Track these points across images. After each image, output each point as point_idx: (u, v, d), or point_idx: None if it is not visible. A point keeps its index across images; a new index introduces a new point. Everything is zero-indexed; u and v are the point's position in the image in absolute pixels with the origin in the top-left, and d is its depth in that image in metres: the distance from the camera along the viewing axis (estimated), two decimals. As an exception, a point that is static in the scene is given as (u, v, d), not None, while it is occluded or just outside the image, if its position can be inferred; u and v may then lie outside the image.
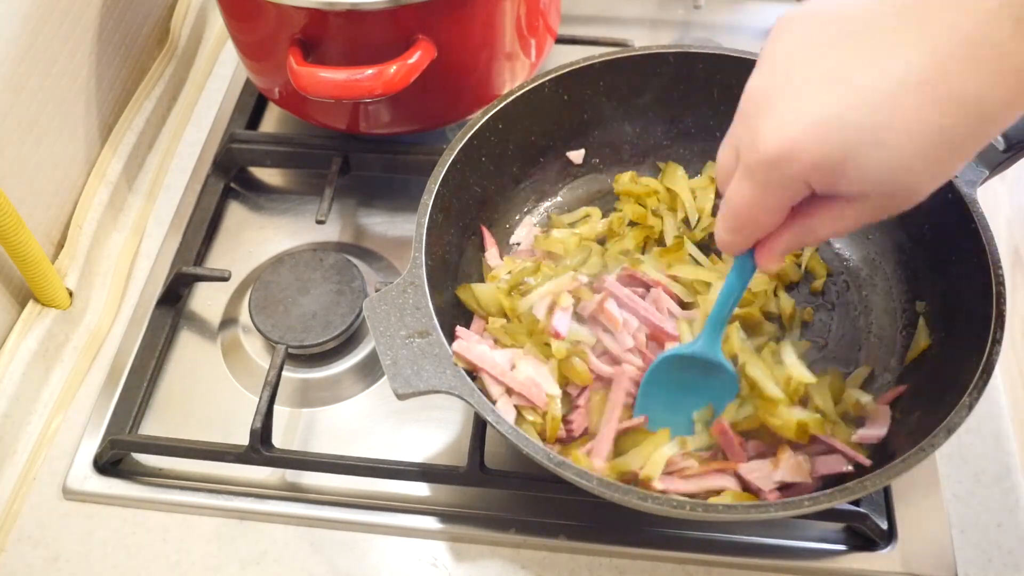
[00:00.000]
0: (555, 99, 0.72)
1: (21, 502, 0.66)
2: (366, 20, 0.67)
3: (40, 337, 0.70)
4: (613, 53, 0.72)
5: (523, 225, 0.75)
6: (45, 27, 0.71)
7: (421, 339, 0.56)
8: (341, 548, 0.63)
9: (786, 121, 0.41)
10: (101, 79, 0.80)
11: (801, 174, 0.41)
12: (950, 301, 0.63)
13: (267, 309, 0.71)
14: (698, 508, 0.51)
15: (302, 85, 0.67)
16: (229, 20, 0.77)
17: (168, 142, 0.88)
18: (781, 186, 0.43)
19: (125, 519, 0.65)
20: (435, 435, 0.68)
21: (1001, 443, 0.67)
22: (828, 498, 0.51)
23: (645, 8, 0.98)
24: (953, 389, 0.56)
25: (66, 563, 0.63)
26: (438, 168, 0.65)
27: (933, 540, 0.61)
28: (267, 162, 0.83)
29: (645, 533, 0.62)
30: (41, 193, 0.73)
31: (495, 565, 0.62)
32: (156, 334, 0.72)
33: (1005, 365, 0.70)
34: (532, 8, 0.76)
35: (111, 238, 0.80)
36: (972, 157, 0.40)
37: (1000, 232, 0.64)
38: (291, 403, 0.70)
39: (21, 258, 0.66)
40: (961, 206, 0.62)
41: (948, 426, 0.53)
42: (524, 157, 0.74)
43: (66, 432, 0.69)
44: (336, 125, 0.79)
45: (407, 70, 0.67)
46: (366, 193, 0.82)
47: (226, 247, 0.80)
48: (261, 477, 0.66)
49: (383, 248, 0.79)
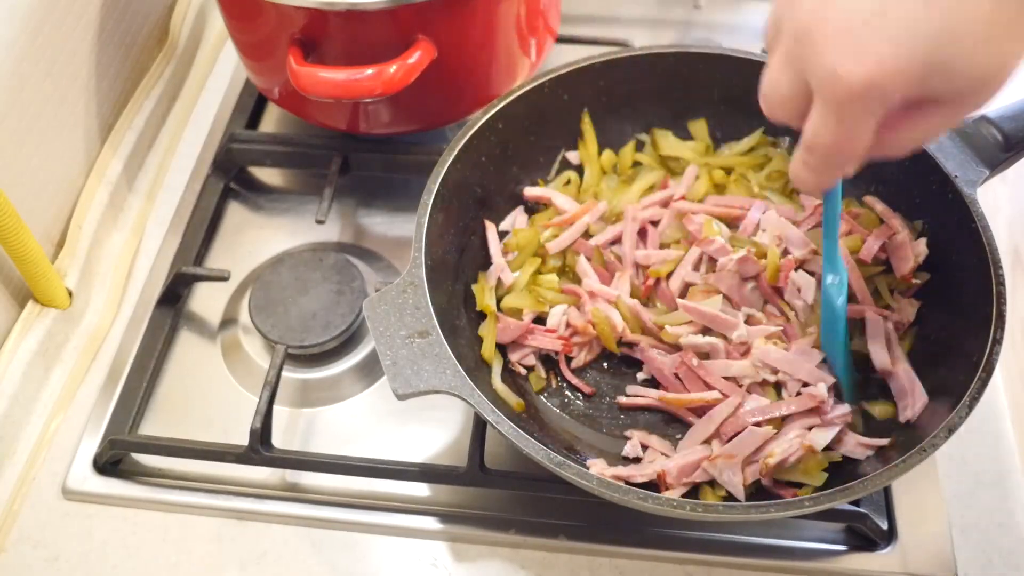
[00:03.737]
0: (555, 99, 0.72)
1: (21, 502, 0.66)
2: (366, 20, 0.67)
3: (40, 337, 0.70)
4: (613, 53, 0.72)
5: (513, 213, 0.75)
6: (45, 27, 0.71)
7: (421, 339, 0.56)
8: (341, 548, 0.63)
9: (865, 46, 0.40)
10: (101, 79, 0.80)
11: (892, 94, 0.41)
12: (950, 301, 0.63)
13: (267, 309, 0.70)
14: (698, 508, 0.51)
15: (302, 85, 0.67)
16: (229, 20, 0.77)
17: (168, 142, 0.88)
18: (871, 113, 0.42)
19: (125, 519, 0.65)
20: (435, 435, 0.68)
21: (1001, 443, 0.67)
22: (828, 498, 0.51)
23: (645, 8, 0.98)
24: (953, 389, 0.56)
25: (66, 563, 0.63)
26: (438, 168, 0.65)
27: (933, 540, 0.61)
28: (267, 162, 0.83)
29: (645, 533, 0.62)
30: (41, 193, 0.73)
31: (495, 565, 0.62)
32: (156, 334, 0.72)
33: (1005, 365, 0.70)
34: (532, 8, 0.76)
35: (111, 238, 0.79)
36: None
37: (1000, 232, 0.65)
38: (291, 403, 0.70)
39: (21, 258, 0.66)
40: (961, 206, 0.62)
41: (948, 426, 0.53)
42: (524, 157, 0.74)
43: (66, 432, 0.69)
44: (336, 125, 0.79)
45: (407, 70, 0.67)
46: (366, 193, 0.82)
47: (226, 247, 0.80)
48: (261, 477, 0.66)
49: (383, 248, 0.79)
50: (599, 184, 0.75)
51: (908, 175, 0.67)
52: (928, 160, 0.64)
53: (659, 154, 0.75)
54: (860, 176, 0.71)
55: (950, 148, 0.64)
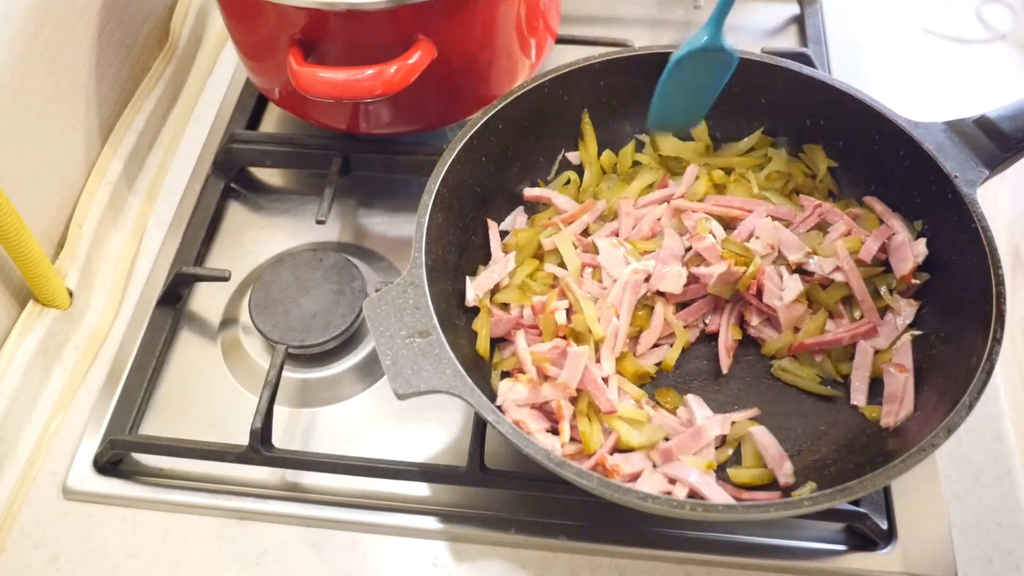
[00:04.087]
0: (555, 99, 0.72)
1: (21, 502, 0.66)
2: (366, 20, 0.67)
3: (40, 337, 0.70)
4: (613, 53, 0.72)
5: (513, 213, 0.75)
6: (45, 27, 0.71)
7: (421, 339, 0.56)
8: (341, 548, 0.63)
9: None
10: (101, 79, 0.80)
11: None
12: (950, 301, 0.63)
13: (267, 309, 0.70)
14: (698, 508, 0.51)
15: (302, 85, 0.67)
16: (229, 20, 0.77)
17: (168, 142, 0.88)
18: None
19: (125, 519, 0.65)
20: (435, 435, 0.68)
21: (1001, 443, 0.67)
22: (828, 498, 0.51)
23: (645, 8, 0.98)
24: (953, 389, 0.56)
25: (66, 563, 0.63)
26: (438, 168, 0.65)
27: (933, 540, 0.61)
28: (267, 162, 0.83)
29: (645, 533, 0.62)
30: (41, 193, 0.73)
31: (495, 565, 0.62)
32: (156, 334, 0.72)
33: (1005, 365, 0.70)
34: (532, 8, 0.76)
35: (111, 238, 0.79)
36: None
37: (1000, 232, 0.65)
38: (291, 403, 0.70)
39: (21, 258, 0.66)
40: (961, 206, 0.62)
41: (948, 426, 0.53)
42: (524, 157, 0.74)
43: (66, 432, 0.69)
44: (336, 125, 0.79)
45: (407, 70, 0.67)
46: (366, 193, 0.82)
47: (226, 247, 0.80)
48: (261, 477, 0.66)
49: (383, 248, 0.79)
50: (599, 184, 0.75)
51: (908, 175, 0.67)
52: (928, 160, 0.64)
53: (659, 154, 0.75)
54: (860, 176, 0.72)
55: (950, 148, 0.64)
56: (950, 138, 0.65)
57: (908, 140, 0.66)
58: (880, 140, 0.68)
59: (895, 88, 0.89)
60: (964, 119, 0.66)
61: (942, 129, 0.66)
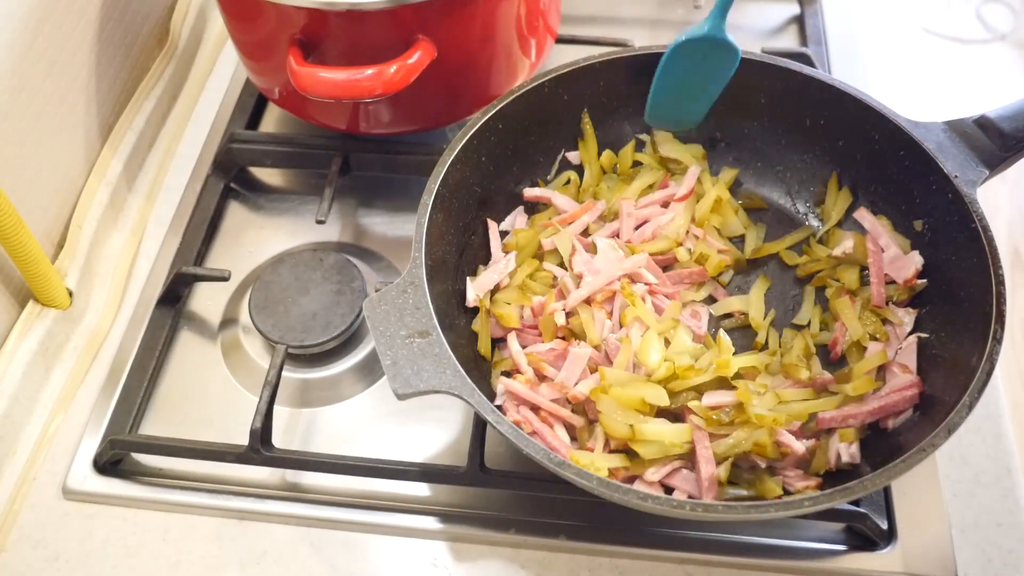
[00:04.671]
0: (555, 99, 0.72)
1: (21, 502, 0.66)
2: (366, 20, 0.67)
3: (40, 337, 0.70)
4: (613, 53, 0.72)
5: (513, 213, 0.75)
6: (45, 27, 0.71)
7: (421, 339, 0.56)
8: (341, 548, 0.63)
9: None
10: (101, 79, 0.80)
11: None
12: (950, 301, 0.63)
13: (267, 309, 0.70)
14: (698, 508, 0.51)
15: (302, 85, 0.67)
16: (229, 20, 0.77)
17: (168, 142, 0.88)
18: None
19: (125, 519, 0.65)
20: (435, 435, 0.68)
21: (1001, 443, 0.67)
22: (828, 498, 0.51)
23: (645, 8, 0.98)
24: (953, 389, 0.56)
25: (66, 563, 0.63)
26: (438, 168, 0.65)
27: (933, 540, 0.61)
28: (267, 162, 0.83)
29: (645, 533, 0.62)
30: (41, 193, 0.73)
31: (495, 565, 0.62)
32: (156, 334, 0.72)
33: (1005, 365, 0.70)
34: (532, 8, 0.76)
35: (111, 238, 0.79)
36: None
37: (1000, 232, 0.65)
38: (291, 403, 0.70)
39: (21, 258, 0.66)
40: (961, 206, 0.62)
41: (948, 426, 0.53)
42: (524, 157, 0.74)
43: (66, 432, 0.69)
44: (336, 125, 0.79)
45: (407, 70, 0.67)
46: (366, 193, 0.82)
47: (226, 247, 0.80)
48: (261, 477, 0.66)
49: (383, 248, 0.79)
50: (599, 184, 0.75)
51: (908, 175, 0.67)
52: (928, 160, 0.64)
53: (659, 155, 0.75)
54: (860, 176, 0.72)
55: (950, 148, 0.64)
56: (950, 138, 0.65)
57: (908, 140, 0.66)
58: (880, 140, 0.68)
59: (895, 88, 0.89)
60: (964, 119, 0.66)
61: (942, 129, 0.66)
